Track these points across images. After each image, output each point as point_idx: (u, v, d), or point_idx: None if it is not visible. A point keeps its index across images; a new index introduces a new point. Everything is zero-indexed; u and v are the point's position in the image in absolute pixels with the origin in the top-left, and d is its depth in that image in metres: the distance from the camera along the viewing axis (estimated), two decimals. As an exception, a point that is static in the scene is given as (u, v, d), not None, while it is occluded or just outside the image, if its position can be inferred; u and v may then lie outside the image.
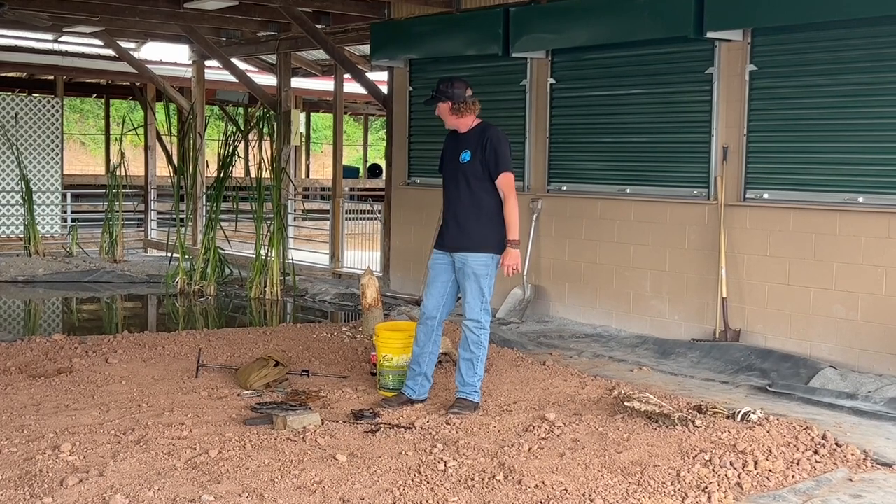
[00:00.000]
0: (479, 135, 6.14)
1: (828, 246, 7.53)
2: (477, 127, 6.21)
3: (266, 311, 11.06)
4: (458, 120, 6.19)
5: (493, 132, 6.14)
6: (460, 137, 6.22)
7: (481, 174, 6.09)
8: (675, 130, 8.62)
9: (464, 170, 6.11)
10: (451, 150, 6.29)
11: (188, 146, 13.02)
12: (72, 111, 34.78)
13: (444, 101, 6.15)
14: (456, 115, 6.16)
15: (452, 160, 6.21)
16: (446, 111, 6.17)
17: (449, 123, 6.26)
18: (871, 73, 7.28)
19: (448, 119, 6.22)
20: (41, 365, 7.18)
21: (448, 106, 6.15)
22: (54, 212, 16.79)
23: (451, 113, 6.16)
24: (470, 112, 6.17)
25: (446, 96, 6.13)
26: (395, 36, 11.06)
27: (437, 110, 6.23)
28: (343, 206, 13.37)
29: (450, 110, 6.16)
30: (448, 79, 6.22)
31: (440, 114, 6.23)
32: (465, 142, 6.18)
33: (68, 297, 12.28)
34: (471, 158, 6.10)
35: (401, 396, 6.26)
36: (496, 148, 6.07)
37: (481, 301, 6.09)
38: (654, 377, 7.38)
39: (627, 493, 4.61)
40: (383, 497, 4.50)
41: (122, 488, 4.49)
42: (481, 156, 6.07)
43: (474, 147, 6.11)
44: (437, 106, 6.21)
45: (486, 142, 6.08)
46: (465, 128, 6.21)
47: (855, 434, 5.80)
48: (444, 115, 6.21)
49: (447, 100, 6.14)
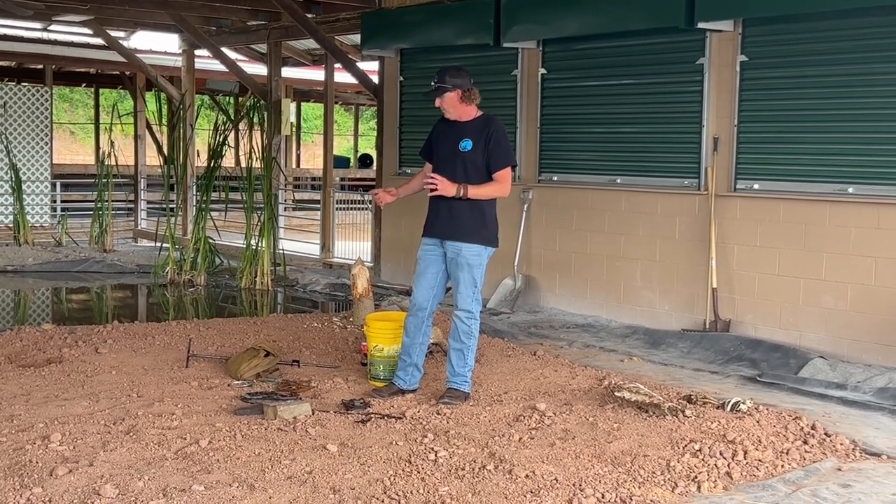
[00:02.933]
0: (484, 126, 6.05)
1: (817, 236, 7.55)
2: (481, 118, 6.11)
3: (256, 301, 11.05)
4: (465, 109, 6.06)
5: (497, 125, 6.07)
6: (458, 126, 6.11)
7: (481, 165, 6.01)
8: (665, 121, 8.62)
9: (463, 158, 6.02)
10: (444, 137, 6.17)
11: (178, 135, 12.97)
12: (61, 100, 34.64)
13: (452, 91, 6.00)
14: (465, 103, 6.04)
15: (447, 147, 6.09)
16: (455, 100, 6.02)
17: (453, 113, 6.09)
18: (862, 64, 7.29)
19: (455, 108, 6.05)
20: (31, 355, 7.16)
21: (458, 94, 6.01)
22: (44, 201, 16.74)
23: (461, 101, 6.03)
24: (474, 100, 6.09)
25: (455, 85, 6.00)
26: (386, 25, 11.04)
27: (443, 101, 6.04)
28: (334, 196, 13.35)
29: (460, 99, 6.02)
30: (451, 68, 6.09)
31: (446, 104, 6.05)
32: (465, 131, 6.07)
33: (58, 287, 12.24)
34: (472, 148, 6.01)
35: (391, 387, 6.26)
36: (501, 141, 6.02)
37: (473, 291, 6.08)
38: (644, 367, 7.39)
39: (617, 482, 4.63)
40: (374, 487, 4.50)
41: (112, 478, 4.48)
42: (484, 147, 5.99)
43: (477, 137, 6.01)
44: (442, 97, 6.03)
45: (492, 134, 6.00)
46: (466, 117, 6.10)
47: (844, 424, 5.83)
48: (453, 104, 6.04)
49: (456, 88, 6.01)
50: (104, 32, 15.13)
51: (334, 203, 13.31)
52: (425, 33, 10.53)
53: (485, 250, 6.09)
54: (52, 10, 13.05)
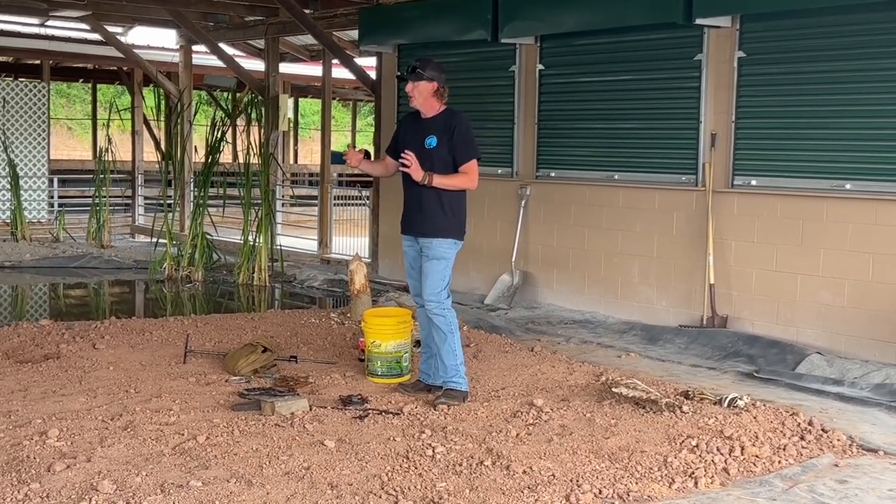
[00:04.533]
0: (447, 120, 6.03)
1: (815, 232, 7.55)
2: (444, 112, 6.09)
3: (254, 296, 11.05)
4: (432, 103, 6.05)
5: (460, 118, 6.06)
6: (424, 122, 6.09)
7: (448, 159, 6.00)
8: (663, 117, 8.62)
9: (430, 155, 5.99)
10: (410, 134, 6.15)
11: (176, 131, 12.96)
12: (58, 96, 34.55)
13: (428, 82, 6.00)
14: (436, 98, 6.04)
15: (413, 144, 6.04)
16: (429, 91, 6.01)
17: (419, 104, 6.06)
18: (860, 60, 7.28)
19: (425, 100, 6.03)
20: (28, 350, 7.16)
21: (433, 87, 6.01)
22: (41, 197, 16.72)
23: (433, 95, 6.03)
24: (444, 99, 6.10)
25: (433, 77, 6.00)
26: (384, 21, 11.02)
27: (416, 87, 6.01)
28: (331, 192, 13.34)
29: (433, 92, 6.03)
30: (433, 61, 6.09)
31: (417, 92, 6.01)
32: (430, 127, 6.05)
33: (55, 283, 12.24)
34: (437, 144, 5.99)
35: (418, 384, 6.28)
36: (465, 133, 6.00)
37: (441, 283, 6.04)
38: (641, 363, 7.40)
39: (615, 478, 4.63)
40: (371, 482, 4.51)
41: (110, 474, 4.49)
42: (448, 141, 5.98)
43: (441, 132, 6.00)
44: (417, 84, 5.99)
45: (455, 127, 5.98)
46: (431, 112, 6.08)
47: (841, 420, 5.83)
48: (424, 94, 6.01)
49: (433, 81, 6.01)
50: (101, 28, 15.10)
51: (332, 199, 13.31)
52: (423, 29, 10.52)
53: (454, 244, 6.10)
54: (50, 5, 13.03)
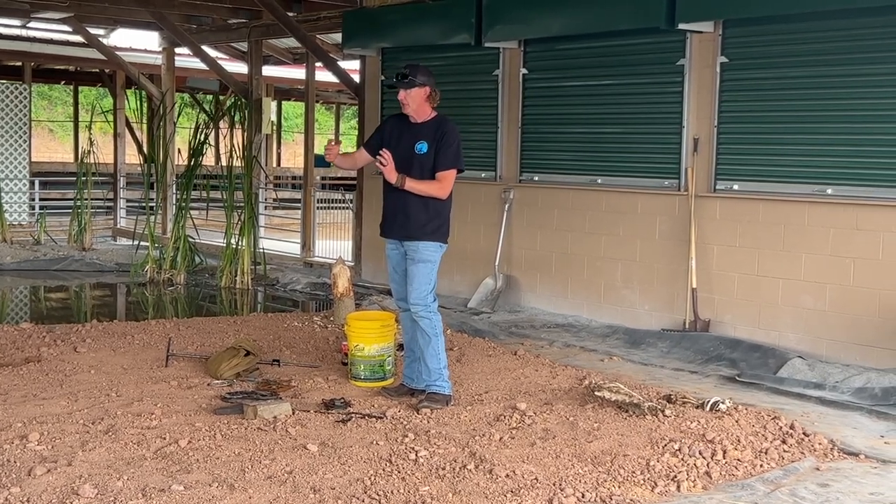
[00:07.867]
0: (437, 127, 6.04)
1: (796, 237, 7.59)
2: (435, 119, 6.09)
3: (236, 300, 11.01)
4: (425, 108, 6.05)
5: (450, 126, 6.06)
6: (413, 127, 6.09)
7: (433, 166, 6.01)
8: (646, 121, 8.64)
9: (420, 160, 5.99)
10: (396, 136, 6.13)
11: (159, 134, 12.92)
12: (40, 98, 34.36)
13: (421, 87, 5.99)
14: (429, 103, 6.05)
15: (401, 148, 6.04)
16: (421, 97, 6.01)
17: (412, 109, 6.05)
18: (841, 66, 7.33)
19: (418, 106, 6.03)
20: (8, 354, 7.11)
21: (426, 92, 6.01)
22: (22, 199, 16.61)
23: (427, 100, 6.03)
24: (435, 103, 6.10)
25: (425, 83, 5.99)
26: (368, 24, 11.02)
27: (408, 94, 6.00)
28: (314, 195, 13.32)
29: (426, 97, 6.03)
30: (422, 66, 6.08)
31: (410, 99, 6.00)
32: (420, 132, 6.05)
33: (36, 286, 12.17)
34: (427, 150, 6.00)
35: (401, 388, 6.28)
36: (451, 142, 6.00)
37: (428, 286, 6.05)
38: (624, 367, 7.41)
39: (597, 482, 4.64)
40: (354, 486, 4.50)
41: (91, 478, 4.46)
42: (435, 148, 5.99)
43: (431, 139, 6.01)
44: (409, 91, 5.98)
45: (444, 135, 5.99)
46: (423, 117, 6.08)
47: (822, 423, 5.86)
48: (417, 100, 6.01)
49: (425, 86, 6.00)
50: (84, 30, 15.05)
51: (315, 202, 13.28)
52: (407, 32, 10.52)
53: (440, 247, 6.11)
54: (32, 6, 12.97)
